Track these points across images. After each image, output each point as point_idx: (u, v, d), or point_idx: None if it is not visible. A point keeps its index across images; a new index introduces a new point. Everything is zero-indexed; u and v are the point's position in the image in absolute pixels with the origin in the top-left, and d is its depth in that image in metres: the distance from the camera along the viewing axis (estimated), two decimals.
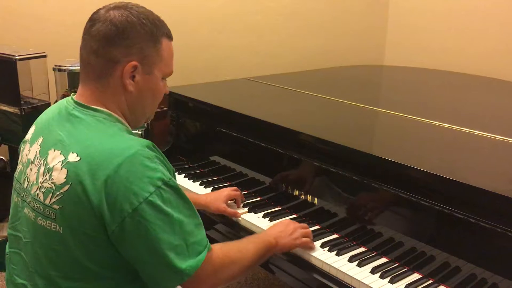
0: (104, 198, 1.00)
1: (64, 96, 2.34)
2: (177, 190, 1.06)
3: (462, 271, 1.22)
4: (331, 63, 3.34)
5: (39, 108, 2.31)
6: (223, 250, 1.14)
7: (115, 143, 1.05)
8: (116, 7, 1.12)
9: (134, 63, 1.10)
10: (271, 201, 1.64)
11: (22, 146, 1.22)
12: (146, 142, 1.07)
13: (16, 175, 1.21)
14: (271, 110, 1.97)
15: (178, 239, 1.03)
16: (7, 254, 1.22)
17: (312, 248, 1.37)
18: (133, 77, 1.12)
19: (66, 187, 1.03)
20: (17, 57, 2.21)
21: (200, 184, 1.77)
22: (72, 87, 2.34)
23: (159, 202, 1.01)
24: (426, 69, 3.04)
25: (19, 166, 1.20)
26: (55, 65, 2.34)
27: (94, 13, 1.13)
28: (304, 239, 1.37)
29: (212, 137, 1.95)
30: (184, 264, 1.03)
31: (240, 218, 1.56)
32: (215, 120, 1.90)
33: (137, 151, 1.03)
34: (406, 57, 3.62)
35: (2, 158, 2.74)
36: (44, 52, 2.31)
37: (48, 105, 2.36)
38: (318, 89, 2.25)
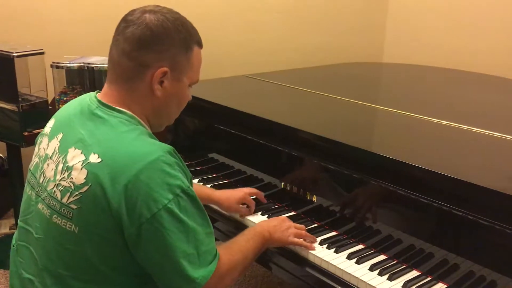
0: (123, 202, 1.00)
1: (62, 93, 2.34)
2: (194, 199, 1.07)
3: (460, 268, 1.22)
4: (330, 60, 3.34)
5: (37, 105, 2.30)
6: (227, 254, 1.14)
7: (137, 147, 1.05)
8: (152, 11, 1.12)
9: (164, 69, 1.11)
10: (269, 198, 1.64)
11: (39, 139, 1.22)
12: (167, 147, 1.07)
13: (31, 167, 1.20)
14: (269, 107, 1.96)
15: (191, 247, 1.04)
16: (13, 246, 1.21)
17: (311, 248, 1.36)
18: (161, 83, 1.12)
19: (85, 188, 1.03)
20: (14, 54, 2.19)
21: (199, 182, 1.77)
22: (70, 84, 2.34)
23: (176, 210, 1.02)
24: (425, 66, 3.04)
25: (35, 159, 1.19)
26: (53, 62, 2.33)
27: (129, 14, 1.12)
28: (297, 239, 1.35)
29: (211, 135, 1.95)
30: (196, 273, 1.04)
31: (244, 218, 1.55)
32: (214, 117, 1.89)
33: (158, 157, 1.03)
34: (405, 54, 3.62)
35: (0, 156, 2.74)
36: (42, 49, 2.30)
37: (46, 102, 2.35)
38: (317, 86, 2.24)
